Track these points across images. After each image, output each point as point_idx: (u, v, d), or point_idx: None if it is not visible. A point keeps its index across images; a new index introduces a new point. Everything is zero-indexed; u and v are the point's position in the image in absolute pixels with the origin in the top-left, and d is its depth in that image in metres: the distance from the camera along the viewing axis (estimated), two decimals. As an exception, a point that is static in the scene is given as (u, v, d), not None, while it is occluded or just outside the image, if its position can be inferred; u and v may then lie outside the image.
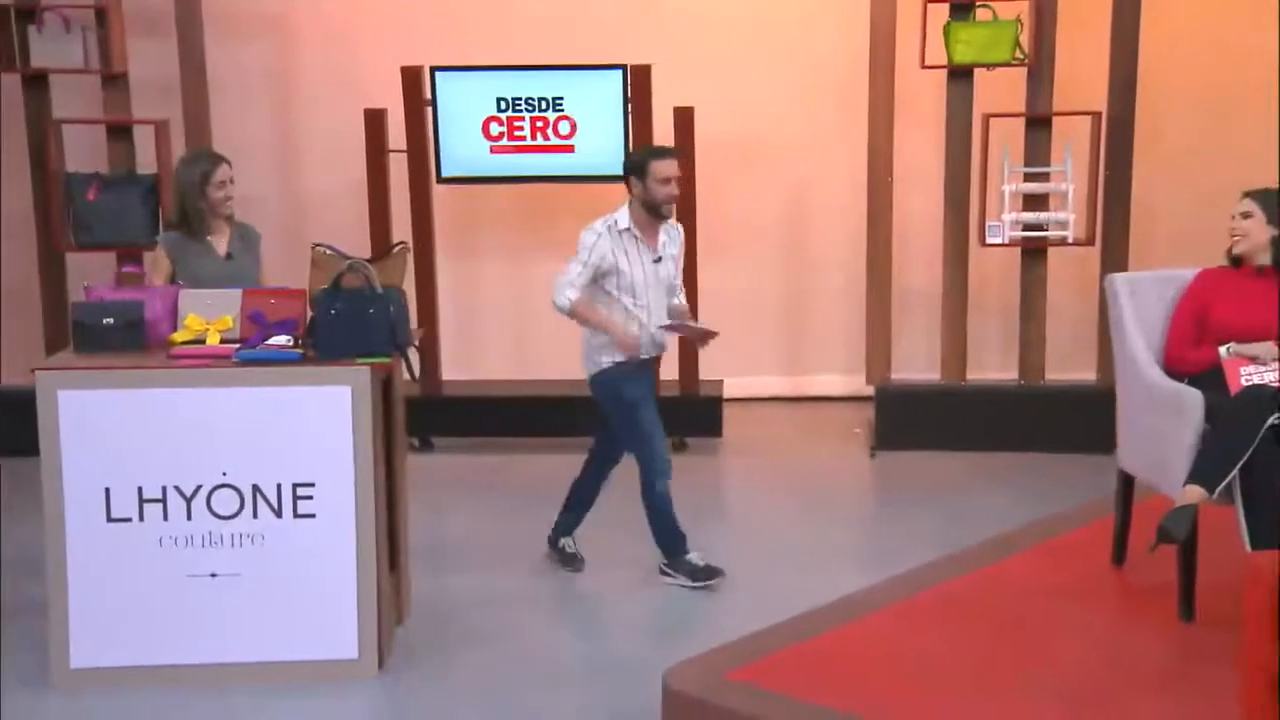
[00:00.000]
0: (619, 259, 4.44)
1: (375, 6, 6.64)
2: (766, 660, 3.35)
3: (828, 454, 6.17)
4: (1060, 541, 4.23)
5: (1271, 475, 3.42)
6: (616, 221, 4.47)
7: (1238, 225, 3.80)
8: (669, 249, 4.57)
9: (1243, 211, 3.80)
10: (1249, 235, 3.77)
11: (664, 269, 4.55)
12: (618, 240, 4.45)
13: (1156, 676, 3.26)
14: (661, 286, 4.56)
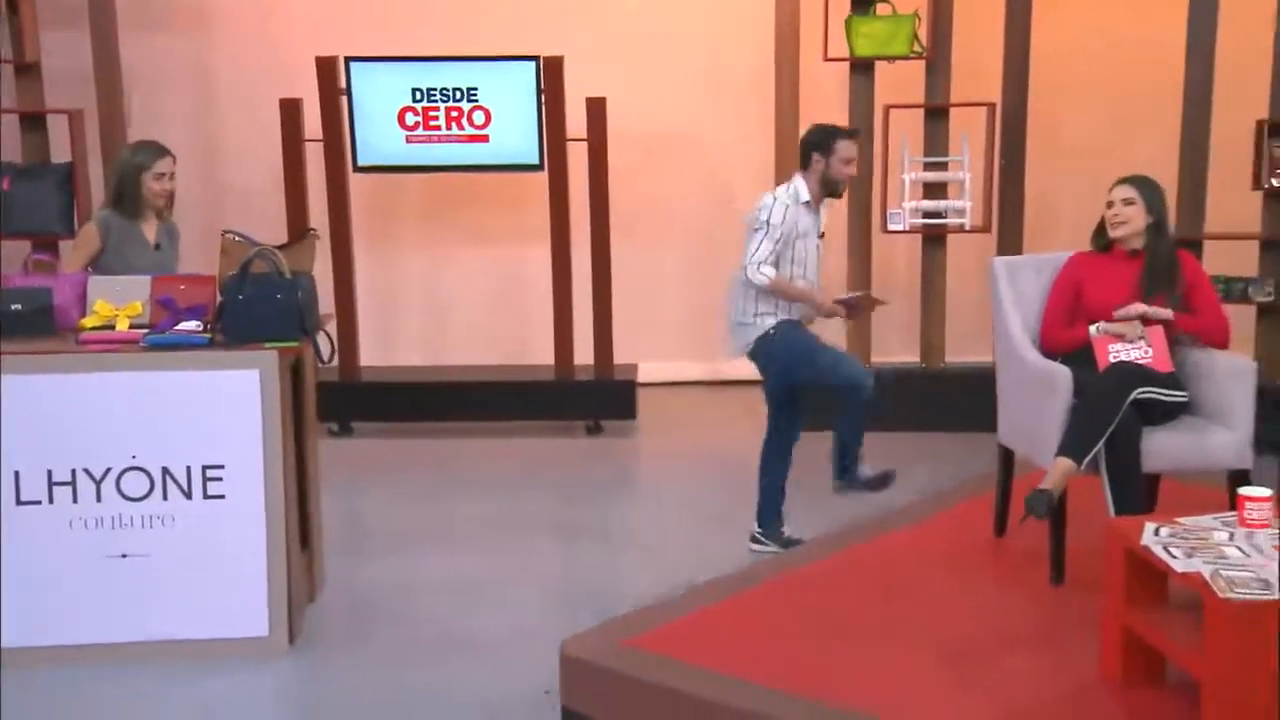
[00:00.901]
0: (800, 230, 4.46)
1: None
2: (662, 628, 3.46)
3: (738, 434, 6.30)
4: (947, 514, 4.40)
5: (1134, 446, 3.60)
6: (798, 193, 4.48)
7: (1120, 211, 3.93)
8: (824, 222, 4.62)
9: (1125, 198, 3.92)
10: (1130, 221, 3.92)
11: (822, 242, 4.62)
12: (798, 211, 4.47)
13: (1027, 634, 3.41)
14: (818, 263, 4.60)
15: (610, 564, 4.67)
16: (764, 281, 4.39)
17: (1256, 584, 2.71)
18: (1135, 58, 6.27)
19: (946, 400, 6.10)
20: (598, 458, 5.97)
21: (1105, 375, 3.67)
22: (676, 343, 7.29)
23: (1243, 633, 2.65)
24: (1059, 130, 6.45)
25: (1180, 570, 2.84)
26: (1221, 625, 2.67)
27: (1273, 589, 2.68)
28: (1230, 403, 3.71)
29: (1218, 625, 2.68)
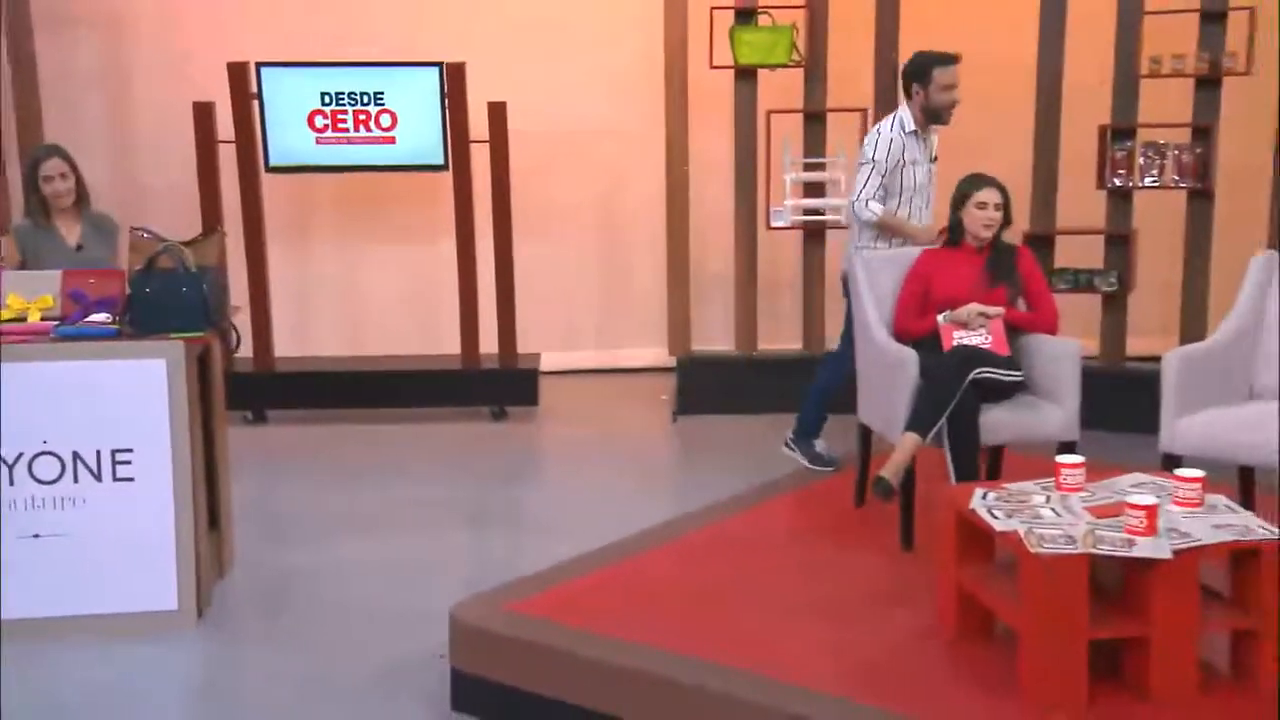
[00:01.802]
0: (908, 159, 4.52)
1: (203, 3, 6.69)
2: (546, 593, 3.60)
3: (635, 419, 6.49)
4: (816, 487, 4.61)
5: (973, 421, 3.82)
6: (904, 123, 4.53)
7: (991, 215, 4.11)
8: (936, 149, 4.68)
9: (996, 202, 4.12)
10: (997, 225, 4.14)
11: (936, 168, 4.64)
12: (905, 139, 4.52)
13: (878, 594, 3.60)
14: (932, 188, 4.64)
15: (511, 541, 4.80)
16: (871, 217, 4.51)
17: (1064, 540, 2.92)
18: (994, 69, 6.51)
19: (827, 384, 6.30)
20: (502, 443, 6.09)
21: (947, 358, 3.90)
22: (581, 332, 7.43)
23: (1052, 584, 2.86)
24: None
25: (999, 530, 3.05)
26: (1033, 578, 2.88)
27: (1077, 544, 2.90)
28: (1059, 381, 3.96)
29: (1030, 578, 2.89)
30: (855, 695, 2.95)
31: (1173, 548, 2.86)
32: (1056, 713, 2.82)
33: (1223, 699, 2.90)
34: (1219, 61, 5.57)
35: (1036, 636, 2.90)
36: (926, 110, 4.54)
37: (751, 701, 2.93)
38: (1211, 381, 3.84)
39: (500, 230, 6.33)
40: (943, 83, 4.46)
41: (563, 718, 3.20)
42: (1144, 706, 2.87)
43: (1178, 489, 3.11)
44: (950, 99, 4.48)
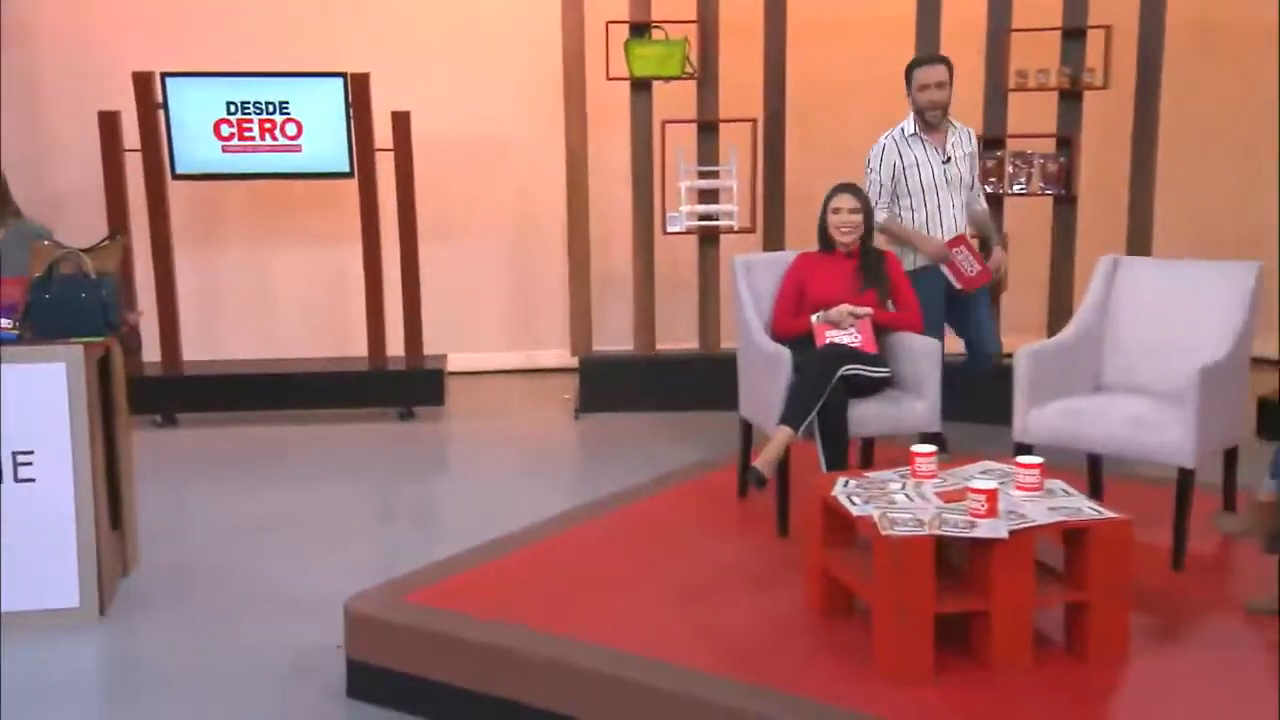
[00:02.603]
0: (908, 162, 4.56)
1: (109, 14, 6.66)
2: (441, 584, 3.71)
3: (539, 417, 6.60)
4: (704, 479, 4.75)
5: (842, 414, 4.00)
6: (903, 129, 4.59)
7: (847, 219, 4.30)
8: (959, 149, 4.67)
9: (852, 208, 4.31)
10: (857, 228, 4.34)
11: (953, 169, 4.64)
12: (906, 145, 4.54)
13: (753, 578, 3.75)
14: (954, 186, 4.63)
15: (415, 536, 4.87)
16: (876, 222, 4.58)
17: (913, 523, 3.10)
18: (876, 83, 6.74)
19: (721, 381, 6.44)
20: (408, 442, 6.16)
21: (817, 355, 4.07)
22: (491, 334, 7.52)
23: (900, 563, 3.03)
24: (818, 140, 6.90)
25: (856, 515, 3.22)
26: (884, 558, 3.05)
27: (925, 527, 3.08)
28: (922, 377, 4.15)
29: (881, 558, 3.06)
30: (727, 671, 3.09)
31: (1009, 529, 3.05)
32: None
33: (1056, 667, 3.10)
34: (1079, 76, 5.84)
35: (887, 612, 3.07)
36: (914, 110, 4.64)
37: (638, 681, 3.04)
38: (1061, 375, 4.05)
39: (405, 236, 6.41)
40: (919, 83, 4.56)
41: (456, 702, 3.31)
42: (984, 674, 3.05)
43: (1019, 475, 3.31)
44: (927, 98, 4.55)
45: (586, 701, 3.12)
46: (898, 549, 3.03)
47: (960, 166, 4.64)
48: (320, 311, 7.22)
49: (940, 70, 4.55)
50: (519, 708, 3.21)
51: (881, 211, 4.62)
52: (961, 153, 4.67)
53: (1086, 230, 6.07)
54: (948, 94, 4.59)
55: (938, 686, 3.01)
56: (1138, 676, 3.07)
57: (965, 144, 4.68)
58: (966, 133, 4.72)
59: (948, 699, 2.96)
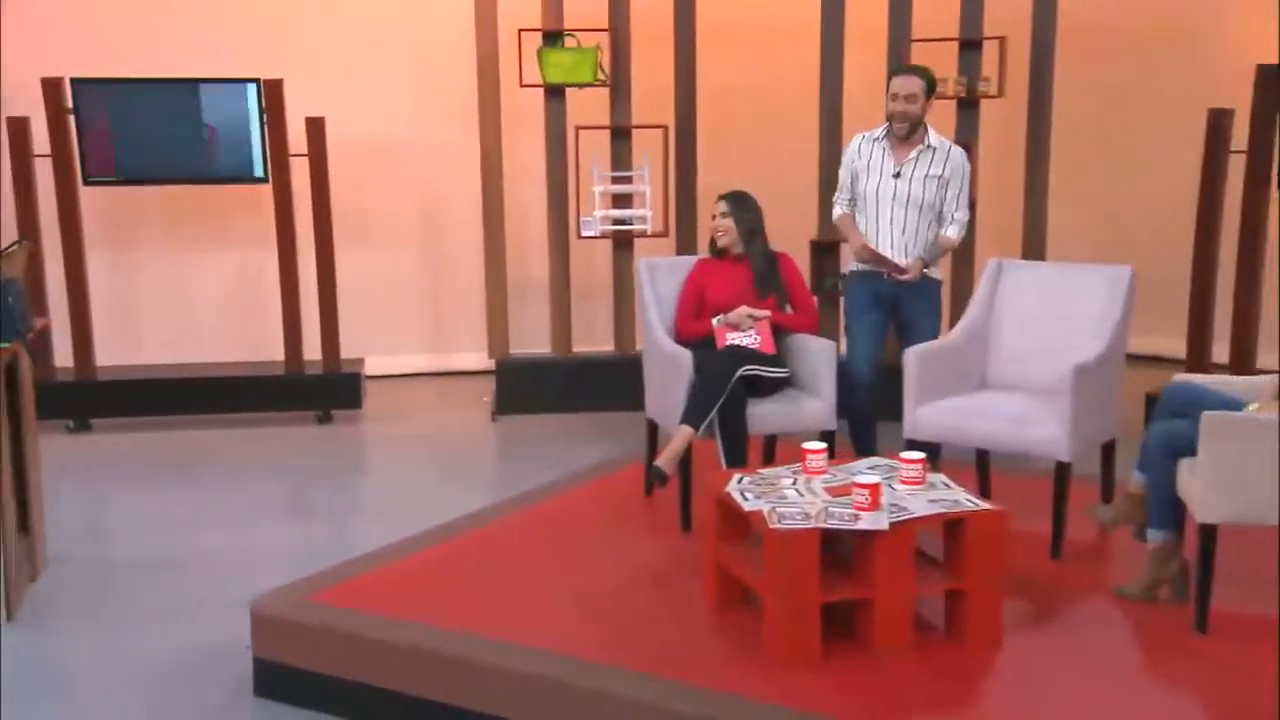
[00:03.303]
0: (861, 166, 4.49)
1: (18, 20, 6.59)
2: (348, 583, 3.77)
3: (457, 419, 6.65)
4: (611, 478, 4.86)
5: (740, 413, 4.13)
6: (876, 130, 4.50)
7: (719, 224, 4.48)
8: (922, 169, 4.43)
9: (722, 212, 4.48)
10: (728, 232, 4.48)
11: (904, 186, 4.42)
12: (869, 147, 4.50)
13: (656, 573, 3.87)
14: (900, 203, 4.42)
15: (330, 536, 4.92)
16: (833, 217, 4.62)
17: (800, 516, 3.24)
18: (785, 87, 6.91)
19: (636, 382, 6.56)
20: (325, 444, 6.19)
21: (717, 357, 4.20)
22: (408, 337, 7.56)
23: (787, 555, 3.17)
24: (729, 145, 7.05)
25: (748, 509, 3.35)
26: (773, 550, 3.19)
27: (811, 520, 3.21)
28: (818, 377, 4.30)
29: (770, 550, 3.20)
30: (625, 663, 3.19)
31: (891, 521, 3.20)
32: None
33: (936, 651, 3.26)
34: (975, 85, 6.04)
35: (776, 602, 3.20)
36: (887, 118, 4.50)
37: (539, 675, 3.14)
38: (948, 374, 4.22)
39: (321, 240, 6.43)
40: (890, 91, 4.45)
41: (362, 700, 3.38)
42: (868, 660, 3.20)
43: (903, 470, 3.46)
44: (894, 108, 4.41)
45: (488, 696, 3.21)
46: (785, 541, 3.16)
47: (916, 186, 4.41)
48: (237, 316, 7.21)
49: (910, 83, 4.40)
50: (424, 704, 3.29)
51: (835, 207, 4.65)
52: (924, 173, 4.42)
53: (985, 234, 6.28)
54: (918, 108, 4.39)
55: (825, 671, 3.15)
56: (1012, 659, 3.24)
57: (935, 166, 4.43)
58: (947, 154, 4.45)
59: (833, 683, 3.11)
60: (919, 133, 4.49)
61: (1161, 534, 3.49)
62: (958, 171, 4.49)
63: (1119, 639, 3.39)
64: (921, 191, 4.44)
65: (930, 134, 4.49)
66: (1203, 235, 5.66)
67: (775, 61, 6.94)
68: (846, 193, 4.62)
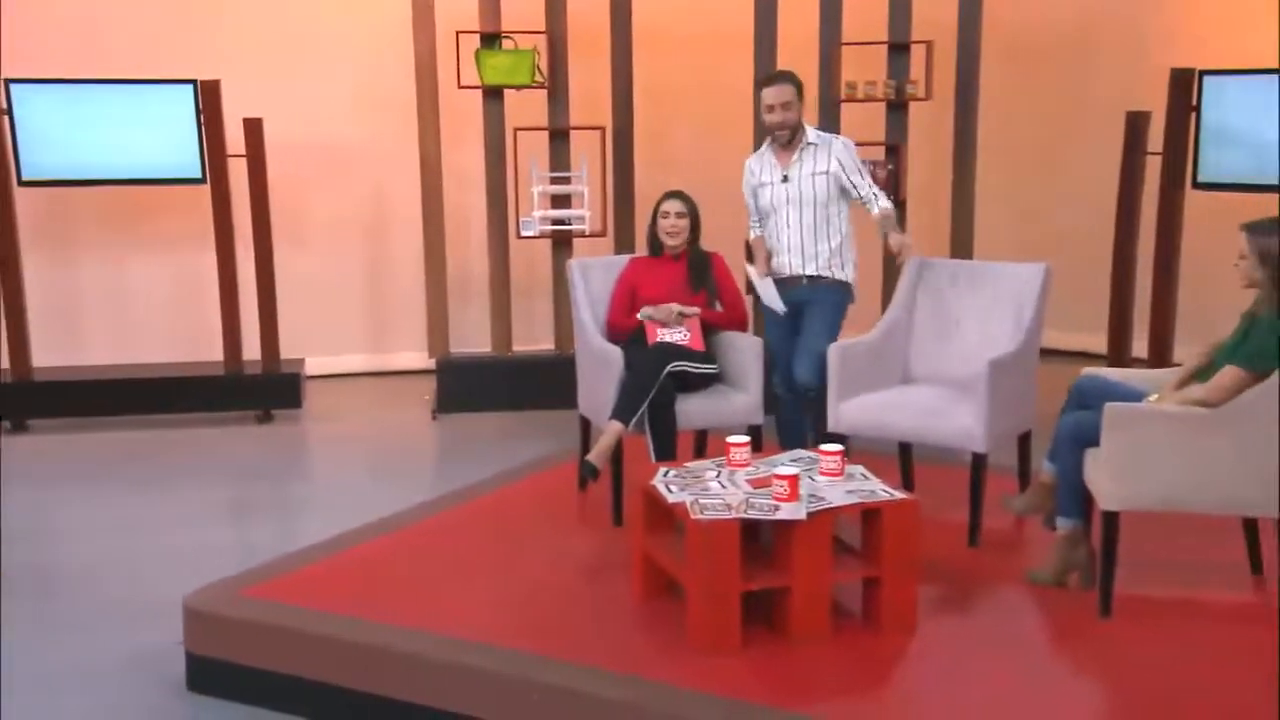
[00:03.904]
0: (756, 183, 4.48)
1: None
2: (281, 578, 3.81)
3: (397, 418, 6.69)
4: (546, 474, 4.93)
5: (670, 409, 4.22)
6: (762, 148, 4.48)
7: (675, 224, 4.56)
8: (806, 167, 4.38)
9: (676, 212, 4.56)
10: (682, 232, 4.57)
11: (794, 189, 4.37)
12: (759, 164, 4.50)
13: (586, 565, 3.96)
14: (796, 204, 4.36)
15: (268, 534, 4.91)
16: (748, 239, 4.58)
17: (722, 507, 3.33)
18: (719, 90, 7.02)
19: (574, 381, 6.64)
20: (265, 444, 6.20)
21: (647, 353, 4.29)
22: (350, 338, 7.57)
23: (709, 545, 3.26)
24: (665, 147, 7.14)
25: (671, 502, 3.44)
26: (695, 540, 3.28)
27: (732, 510, 3.31)
28: (746, 372, 4.40)
29: (692, 540, 3.29)
30: (553, 652, 3.27)
31: (809, 510, 3.30)
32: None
33: (852, 637, 3.36)
34: (903, 88, 6.18)
35: (698, 590, 3.29)
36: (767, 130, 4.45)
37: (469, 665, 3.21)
38: (870, 369, 4.33)
39: (260, 241, 6.44)
40: (764, 104, 4.38)
41: (295, 693, 3.43)
42: (786, 646, 3.30)
43: (823, 462, 3.56)
44: (772, 120, 4.35)
45: (419, 686, 3.27)
46: (707, 531, 3.25)
47: (805, 185, 4.38)
48: (177, 316, 7.19)
49: (782, 90, 4.33)
50: (355, 695, 3.34)
51: (750, 230, 4.61)
52: (811, 170, 4.39)
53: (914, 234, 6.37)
54: (794, 114, 4.35)
55: (744, 658, 3.25)
56: (926, 644, 3.35)
57: (821, 162, 4.38)
58: (829, 148, 4.42)
59: (752, 668, 3.20)
60: (799, 134, 4.45)
61: (1070, 522, 3.61)
62: (845, 160, 4.40)
63: (1027, 623, 3.51)
64: (813, 190, 4.39)
65: (809, 131, 4.45)
66: (1122, 234, 5.83)
67: (711, 64, 7.05)
68: (754, 214, 4.62)
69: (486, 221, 6.66)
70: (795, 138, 4.45)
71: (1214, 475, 3.35)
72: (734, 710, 2.98)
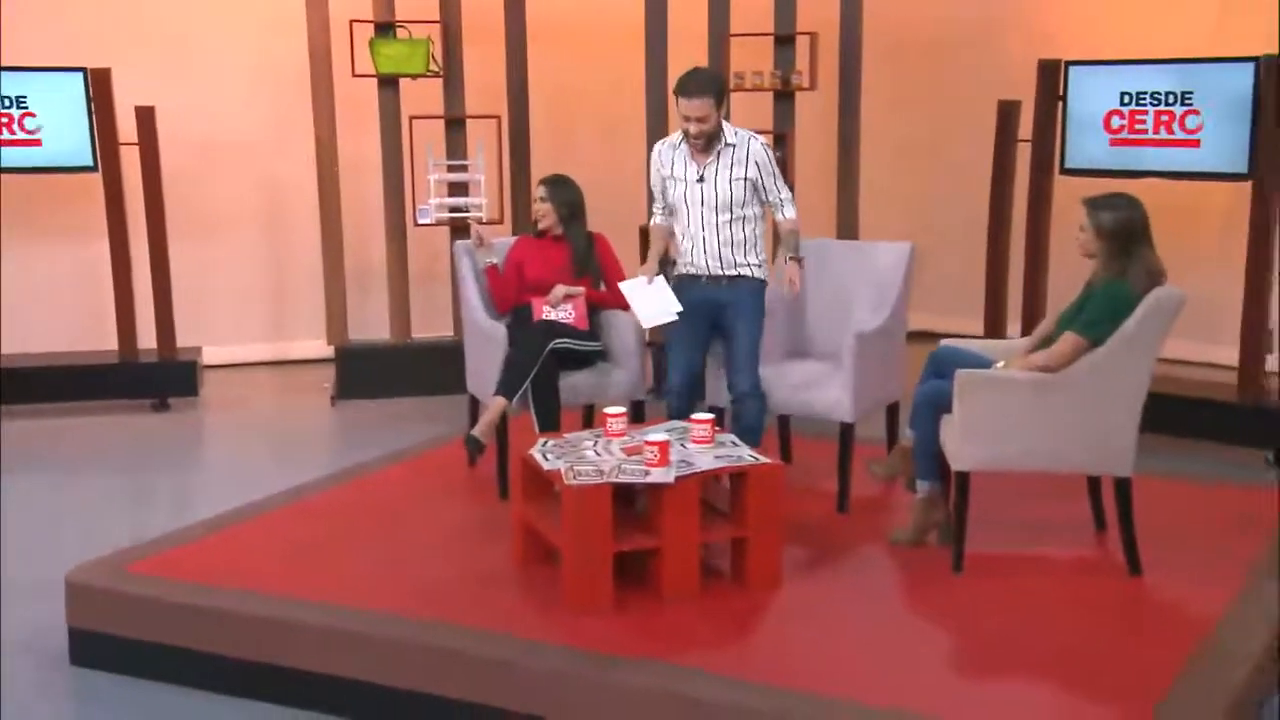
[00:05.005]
0: (667, 174, 4.19)
1: None
2: (164, 554, 3.87)
3: (296, 405, 6.73)
4: (438, 452, 5.02)
5: (553, 384, 4.35)
6: (675, 137, 4.16)
7: (539, 207, 4.74)
8: (725, 170, 4.11)
9: (539, 196, 4.75)
10: (548, 215, 4.72)
11: (710, 190, 4.12)
12: (670, 154, 4.18)
13: (470, 534, 4.07)
14: (710, 206, 4.12)
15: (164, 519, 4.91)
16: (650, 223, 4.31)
17: (594, 473, 3.47)
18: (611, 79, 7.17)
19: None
20: (160, 431, 6.20)
21: (530, 330, 4.42)
22: (250, 326, 7.58)
23: (582, 508, 3.40)
24: (560, 134, 7.27)
25: (547, 469, 3.57)
26: (569, 505, 3.41)
27: (604, 476, 3.45)
28: (627, 349, 4.55)
29: (567, 505, 3.42)
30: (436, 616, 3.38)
31: (677, 475, 3.46)
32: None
33: (721, 594, 3.53)
34: (790, 78, 6.38)
35: (572, 553, 3.43)
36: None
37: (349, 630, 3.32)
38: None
39: (154, 229, 6.43)
40: (680, 113, 4.11)
41: (177, 663, 3.50)
42: (658, 604, 3.45)
43: (694, 430, 3.72)
44: (691, 129, 4.09)
45: (300, 652, 3.36)
46: (579, 496, 3.40)
47: (723, 188, 4.12)
48: (74, 305, 7.14)
49: (701, 106, 4.01)
50: (237, 663, 3.42)
51: (654, 216, 4.36)
52: (729, 174, 4.13)
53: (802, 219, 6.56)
54: (712, 125, 4.07)
55: (618, 616, 3.40)
56: (791, 599, 3.53)
57: (739, 166, 4.13)
58: (747, 149, 4.15)
59: (623, 625, 3.35)
60: (717, 136, 4.16)
61: (927, 484, 3.82)
62: (763, 164, 4.19)
63: (886, 579, 3.71)
64: (729, 193, 4.14)
65: (726, 130, 4.16)
66: (995, 219, 6.08)
67: (605, 54, 7.20)
68: (661, 201, 4.34)
69: (384, 209, 6.73)
70: (713, 140, 4.15)
71: (1055, 436, 3.57)
72: (603, 663, 3.12)
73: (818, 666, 3.11)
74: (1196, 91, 5.48)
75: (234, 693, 3.43)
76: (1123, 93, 5.65)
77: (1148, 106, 5.61)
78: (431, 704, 3.20)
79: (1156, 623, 3.40)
